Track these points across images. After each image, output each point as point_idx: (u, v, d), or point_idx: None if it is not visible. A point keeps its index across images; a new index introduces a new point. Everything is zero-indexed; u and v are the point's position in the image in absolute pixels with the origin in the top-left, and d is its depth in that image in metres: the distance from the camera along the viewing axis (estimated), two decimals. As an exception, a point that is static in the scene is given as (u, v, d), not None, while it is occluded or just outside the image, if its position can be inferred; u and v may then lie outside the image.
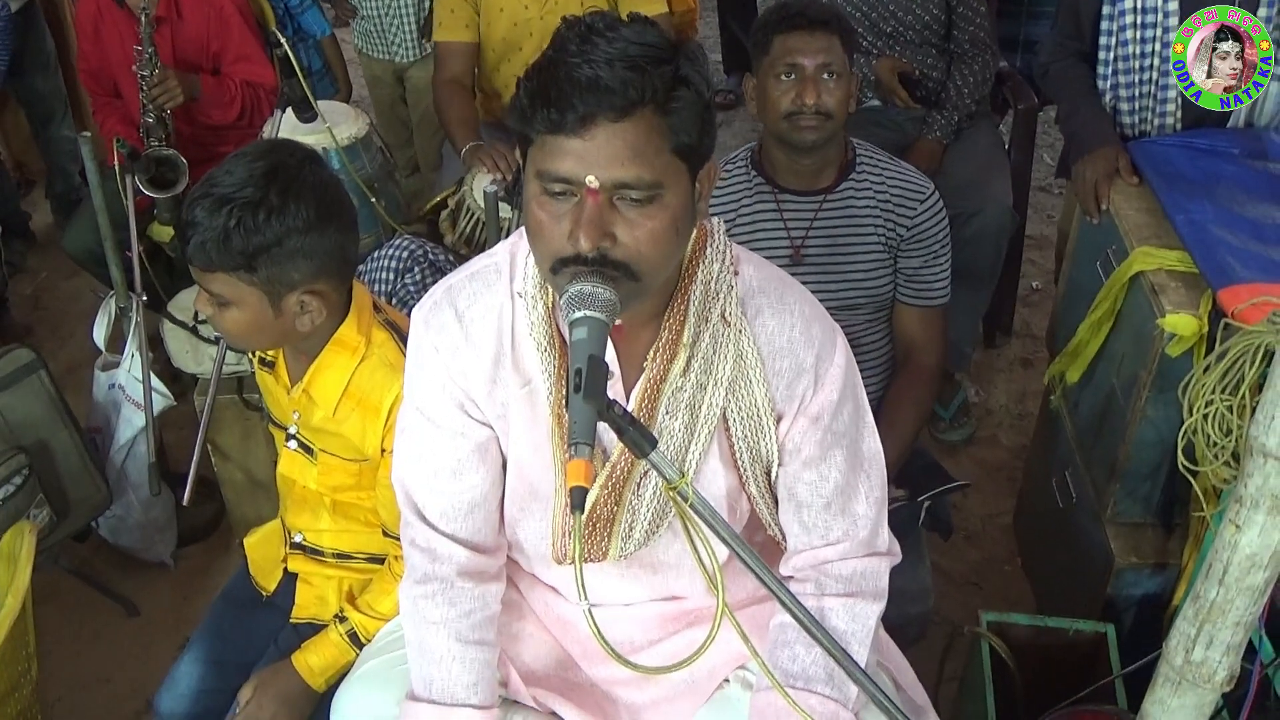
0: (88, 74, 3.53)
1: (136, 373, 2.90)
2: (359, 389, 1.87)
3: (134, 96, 3.28)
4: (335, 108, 3.28)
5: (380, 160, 3.20)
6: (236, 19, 3.38)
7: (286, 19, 3.68)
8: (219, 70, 3.41)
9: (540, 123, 1.31)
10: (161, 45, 3.27)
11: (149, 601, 3.03)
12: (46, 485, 2.74)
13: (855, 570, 1.61)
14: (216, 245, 1.72)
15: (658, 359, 1.49)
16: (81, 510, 2.86)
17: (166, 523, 3.09)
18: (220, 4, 3.36)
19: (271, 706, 1.85)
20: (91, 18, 3.41)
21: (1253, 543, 1.32)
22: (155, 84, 3.18)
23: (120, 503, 2.99)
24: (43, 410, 2.76)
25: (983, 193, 3.25)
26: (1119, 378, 2.46)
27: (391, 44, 3.87)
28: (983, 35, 3.43)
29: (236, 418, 2.88)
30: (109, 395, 3.01)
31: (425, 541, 1.63)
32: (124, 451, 2.98)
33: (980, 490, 3.30)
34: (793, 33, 2.40)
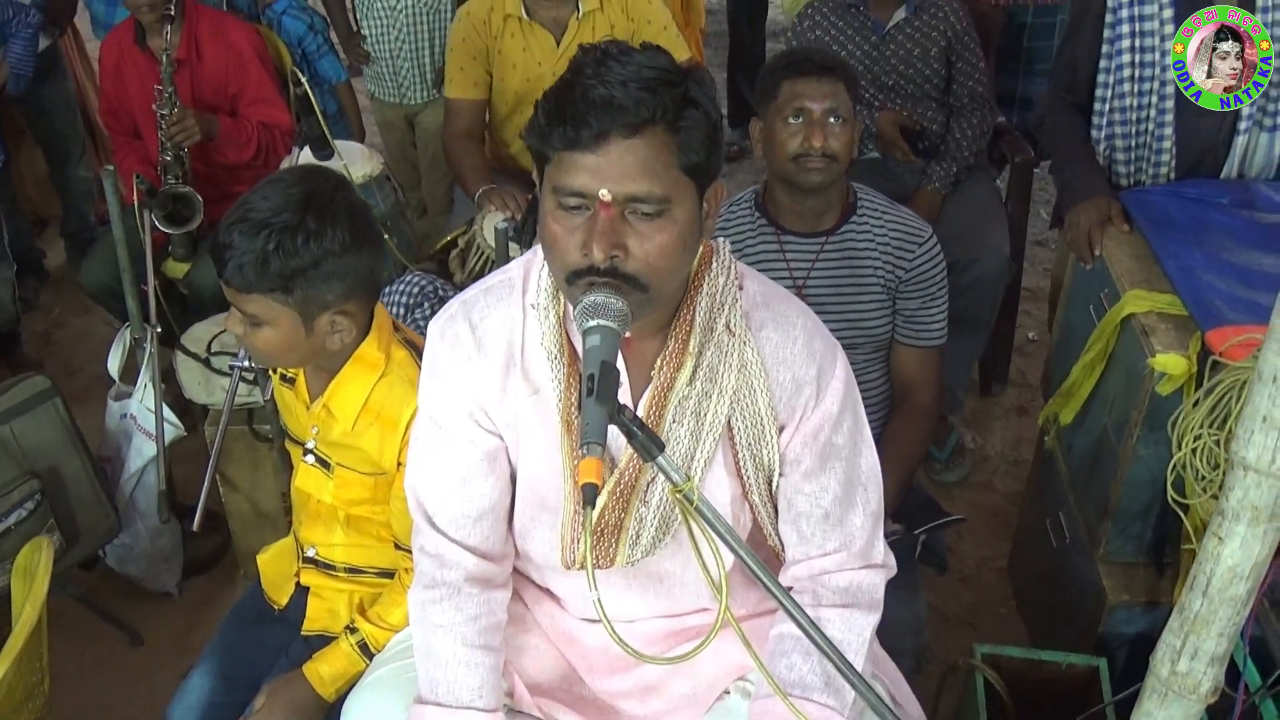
0: (108, 113, 3.63)
1: (149, 403, 2.96)
2: (378, 404, 1.93)
3: (153, 136, 3.38)
4: (351, 147, 3.38)
5: (393, 199, 3.29)
6: (255, 63, 3.48)
7: (303, 64, 3.79)
8: (236, 111, 3.50)
9: (557, 140, 1.40)
10: (181, 86, 3.37)
11: (153, 631, 3.07)
12: (57, 511, 2.79)
13: (852, 582, 1.67)
14: (255, 267, 1.79)
15: (665, 368, 1.56)
16: (90, 537, 2.91)
17: (173, 553, 3.14)
18: (239, 48, 3.46)
19: (282, 714, 1.89)
20: (113, 59, 3.51)
21: (1234, 554, 1.38)
22: (174, 123, 3.27)
23: (128, 531, 3.04)
24: (56, 437, 2.82)
25: (980, 242, 3.33)
26: (1111, 418, 2.53)
27: (402, 86, 3.97)
28: (981, 90, 3.53)
29: (246, 449, 2.94)
30: (120, 425, 3.07)
31: (435, 548, 1.69)
32: (134, 480, 3.03)
33: (975, 534, 3.35)
34: (801, 78, 2.48)
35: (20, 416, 2.77)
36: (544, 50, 3.29)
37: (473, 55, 3.31)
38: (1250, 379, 1.30)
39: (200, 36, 3.43)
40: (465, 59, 3.33)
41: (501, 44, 3.29)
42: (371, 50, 3.97)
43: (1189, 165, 2.75)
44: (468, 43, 3.31)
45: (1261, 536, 1.36)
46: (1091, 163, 2.79)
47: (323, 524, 2.07)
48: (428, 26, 3.82)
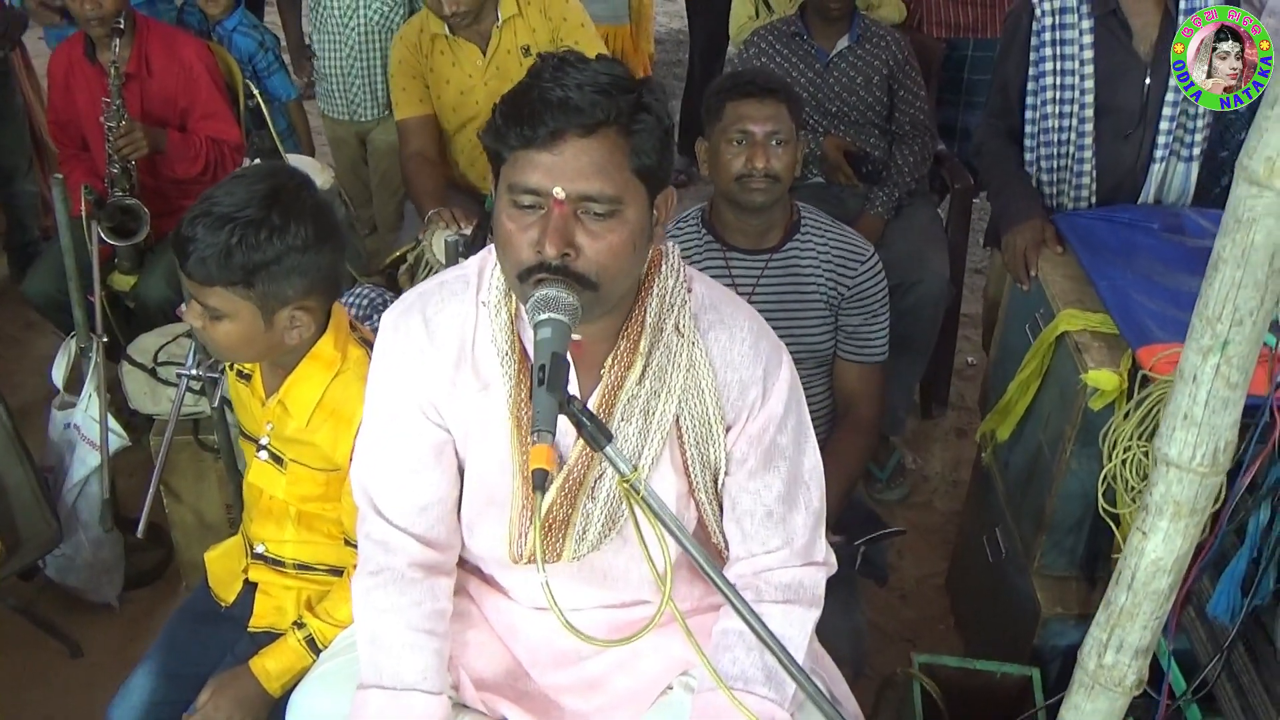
0: (56, 125, 3.62)
1: (93, 412, 2.95)
2: (333, 400, 1.96)
3: (101, 149, 3.38)
4: (302, 160, 3.41)
5: (343, 213, 3.31)
6: (205, 78, 3.50)
7: (254, 81, 3.80)
8: (186, 126, 3.51)
9: (513, 138, 1.44)
10: (130, 100, 3.38)
11: (94, 643, 3.04)
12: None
13: (794, 578, 1.71)
14: (218, 261, 1.81)
15: (615, 367, 1.60)
16: (31, 546, 2.89)
17: (114, 564, 3.12)
18: (189, 63, 3.48)
19: (227, 709, 1.90)
20: (63, 71, 3.51)
21: (1158, 548, 1.44)
22: (121, 135, 3.28)
23: (69, 542, 3.02)
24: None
25: (921, 265, 3.41)
26: (1046, 434, 2.60)
27: (353, 104, 4.00)
28: (922, 118, 3.62)
29: (191, 460, 2.94)
30: (64, 435, 3.06)
31: (380, 535, 1.71)
32: (76, 490, 3.02)
33: (915, 552, 3.41)
34: (744, 100, 2.54)
35: (-39, 424, 2.76)
36: (472, 62, 3.35)
37: (411, 75, 3.38)
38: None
39: (150, 51, 3.44)
40: (405, 79, 3.39)
41: (433, 62, 3.36)
42: (323, 67, 4.00)
43: (1108, 189, 2.85)
44: (404, 64, 3.38)
45: (1183, 531, 1.42)
46: (1026, 186, 2.88)
47: (273, 520, 2.08)
48: (379, 44, 3.85)
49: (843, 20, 3.59)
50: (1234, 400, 1.33)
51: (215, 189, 1.86)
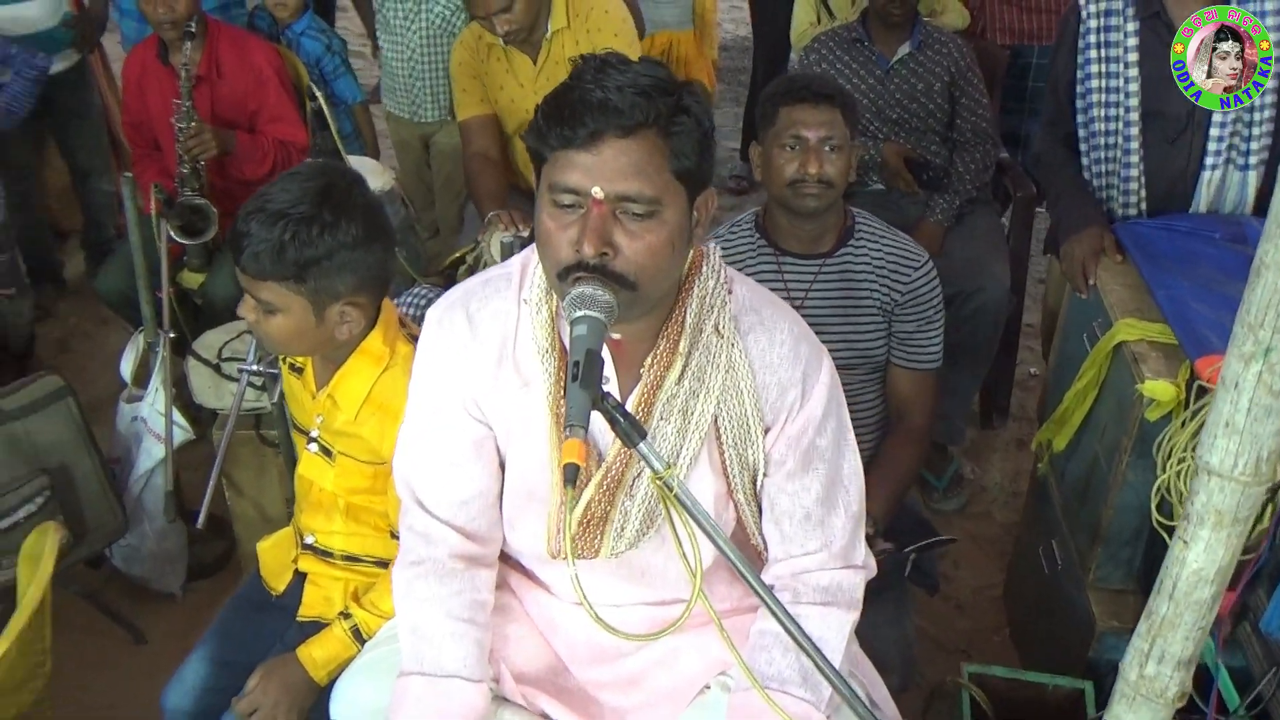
0: (130, 126, 3.72)
1: (159, 406, 3.02)
2: (381, 395, 1.99)
3: (172, 149, 3.46)
4: (363, 162, 3.46)
5: (403, 214, 3.36)
6: (274, 81, 3.57)
7: (320, 84, 3.87)
8: (254, 128, 3.58)
9: (554, 139, 1.46)
10: (201, 102, 3.46)
11: (156, 631, 3.11)
12: (66, 508, 2.85)
13: (832, 581, 1.71)
14: (271, 256, 1.86)
15: (654, 367, 1.62)
16: (98, 535, 2.96)
17: (178, 555, 3.19)
18: (259, 66, 3.55)
19: (274, 694, 1.94)
20: (136, 74, 3.61)
21: (1199, 558, 1.42)
22: (191, 136, 3.35)
23: (135, 532, 3.10)
24: (68, 436, 2.88)
25: (982, 273, 3.38)
26: (1102, 445, 2.57)
27: (415, 103, 4.04)
28: (985, 125, 3.60)
29: (252, 454, 3.00)
30: (131, 427, 3.13)
31: (421, 526, 1.74)
32: (142, 482, 3.09)
33: (972, 562, 3.39)
34: (798, 105, 2.54)
35: (33, 414, 2.83)
36: (525, 72, 3.39)
37: (472, 76, 3.42)
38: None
39: (221, 54, 3.52)
40: (466, 80, 3.43)
41: (488, 67, 3.40)
42: (387, 67, 4.05)
43: (1159, 197, 2.81)
44: (465, 66, 3.42)
45: (1225, 541, 1.40)
46: (1085, 194, 2.85)
47: (323, 512, 2.12)
48: (441, 47, 3.89)
49: (904, 26, 3.57)
50: (1277, 408, 1.31)
51: (270, 186, 1.91)
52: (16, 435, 2.80)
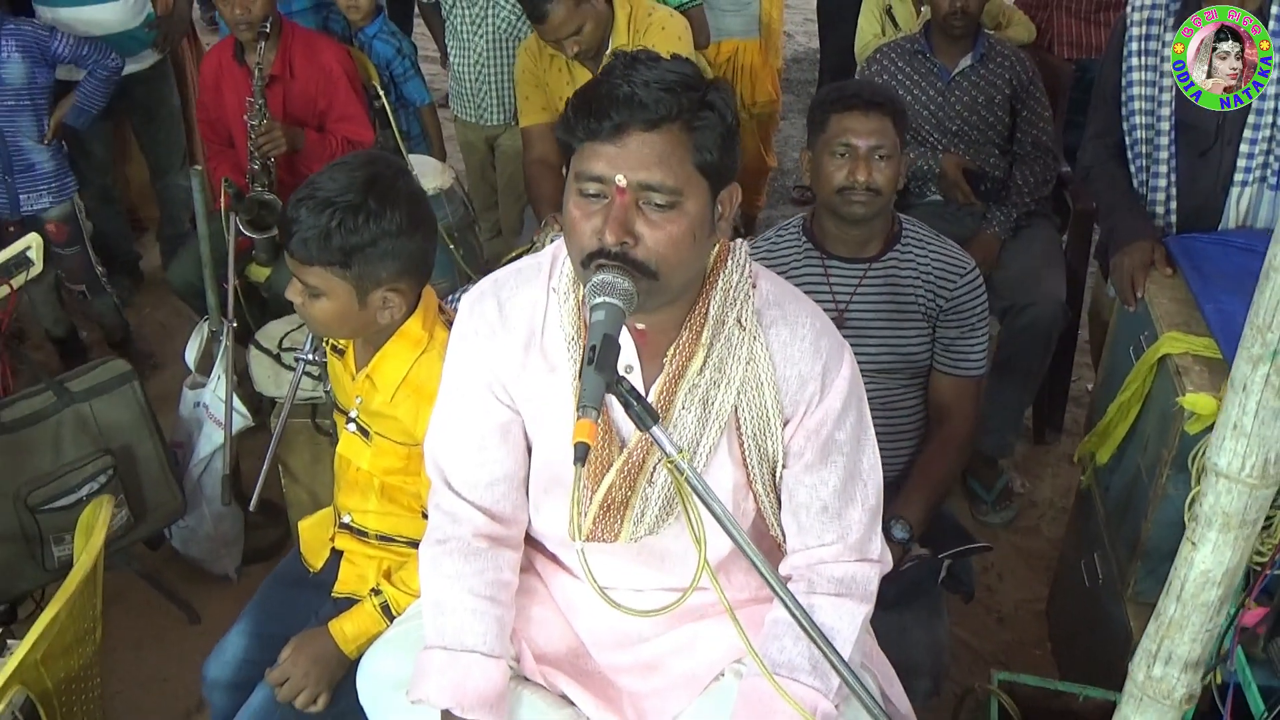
0: (205, 123, 3.84)
1: (221, 393, 3.12)
2: (417, 378, 2.06)
3: (244, 146, 3.57)
4: (424, 161, 3.54)
5: (462, 213, 3.43)
6: (343, 81, 3.67)
7: (390, 85, 3.96)
8: (323, 127, 3.68)
9: (581, 130, 1.52)
10: (273, 101, 3.57)
11: (210, 611, 3.20)
12: (127, 488, 2.96)
13: (846, 573, 1.74)
14: (318, 241, 1.93)
15: (677, 357, 1.66)
16: (157, 515, 3.07)
17: (234, 538, 3.29)
18: (329, 67, 3.65)
19: (305, 665, 2.00)
20: (214, 72, 3.72)
21: (1206, 559, 1.43)
22: (262, 133, 3.46)
23: (193, 514, 3.20)
24: (132, 418, 2.98)
25: (1037, 286, 3.37)
26: (1145, 459, 2.56)
27: (480, 107, 4.11)
28: (1045, 139, 3.59)
29: (308, 441, 3.08)
30: (193, 413, 3.24)
31: (448, 506, 1.80)
32: (202, 466, 3.19)
33: (1017, 576, 3.38)
34: (848, 113, 2.56)
35: (100, 396, 2.94)
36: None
37: (535, 84, 3.49)
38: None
39: (294, 55, 3.62)
40: (529, 89, 3.50)
41: (550, 77, 3.46)
42: (455, 71, 4.14)
43: (1189, 211, 2.80)
44: (528, 73, 3.50)
45: (1232, 542, 1.41)
46: (1136, 206, 2.84)
47: (359, 492, 2.19)
48: (506, 52, 3.96)
49: (966, 39, 3.57)
50: (1284, 411, 1.32)
51: (319, 174, 1.98)
52: (83, 416, 2.91)
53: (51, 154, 3.81)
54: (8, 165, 3.74)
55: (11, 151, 3.73)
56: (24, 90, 3.69)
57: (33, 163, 3.77)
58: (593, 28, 3.23)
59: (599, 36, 3.29)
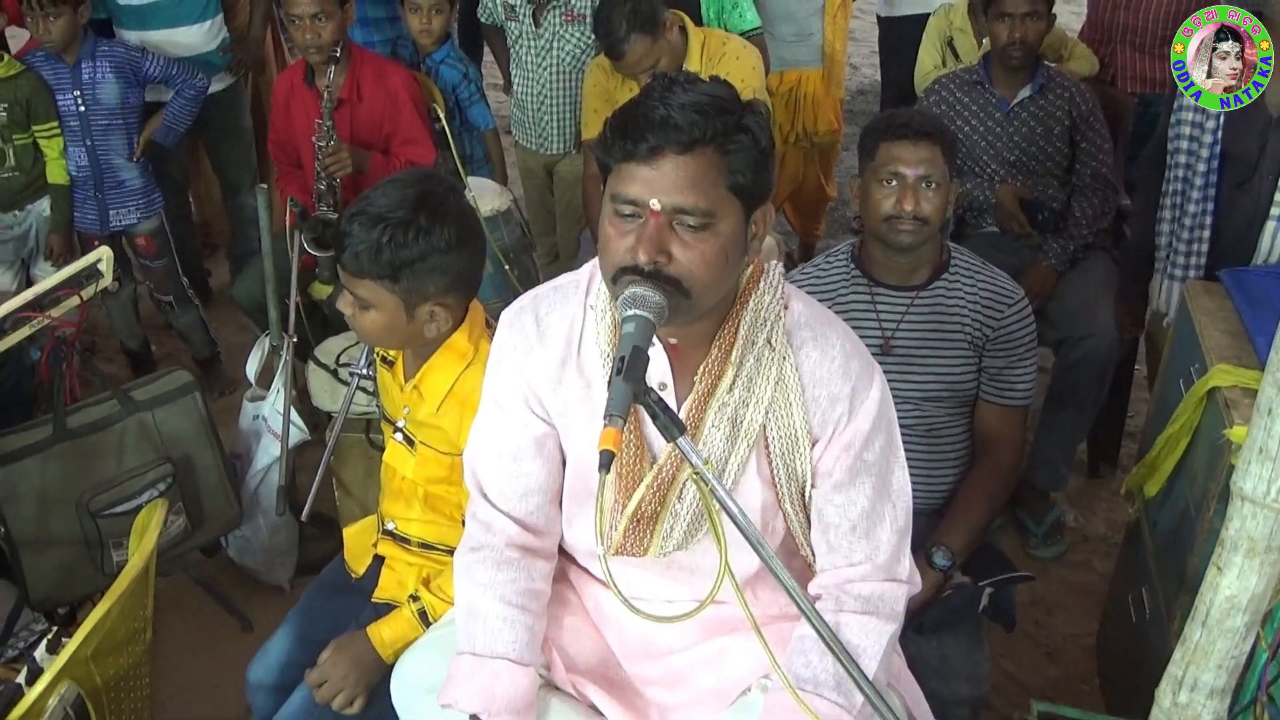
0: (275, 144, 3.94)
1: (279, 406, 3.18)
2: (463, 390, 2.10)
3: (312, 167, 3.66)
4: (483, 183, 3.61)
5: (519, 235, 3.48)
6: (409, 106, 3.75)
7: (456, 110, 4.04)
8: (388, 150, 3.76)
9: (617, 152, 1.55)
10: (340, 123, 3.66)
11: (263, 621, 3.25)
12: (186, 496, 3.04)
13: (874, 592, 1.75)
14: (369, 255, 1.99)
15: (707, 375, 1.69)
16: (214, 524, 3.15)
17: (289, 550, 3.36)
18: (396, 92, 3.73)
19: (344, 667, 2.05)
20: (284, 94, 3.83)
21: (1232, 585, 1.42)
22: (329, 154, 3.55)
23: (249, 525, 3.27)
24: (193, 428, 3.07)
25: (1092, 319, 3.35)
26: (1193, 492, 2.53)
27: (542, 135, 4.18)
28: (1105, 171, 3.57)
29: (361, 455, 3.13)
30: (252, 425, 3.31)
31: (484, 515, 1.84)
32: (259, 478, 3.26)
33: (1067, 610, 3.34)
34: (898, 142, 2.57)
35: (163, 406, 3.03)
36: None
37: (605, 99, 3.55)
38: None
39: (362, 79, 3.71)
40: (598, 102, 3.56)
41: (619, 95, 3.52)
42: (518, 99, 4.22)
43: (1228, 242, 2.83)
44: (599, 88, 3.55)
45: (1258, 568, 1.40)
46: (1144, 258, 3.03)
47: (403, 500, 2.24)
48: (570, 83, 4.03)
49: (1025, 70, 3.58)
50: (1309, 435, 1.32)
51: (373, 190, 2.04)
52: (146, 424, 2.99)
53: (140, 171, 3.97)
54: (99, 182, 3.90)
55: (103, 169, 3.89)
56: (117, 110, 3.85)
57: (122, 180, 3.93)
58: (668, 61, 3.31)
59: (673, 68, 3.35)
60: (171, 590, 3.24)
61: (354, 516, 3.22)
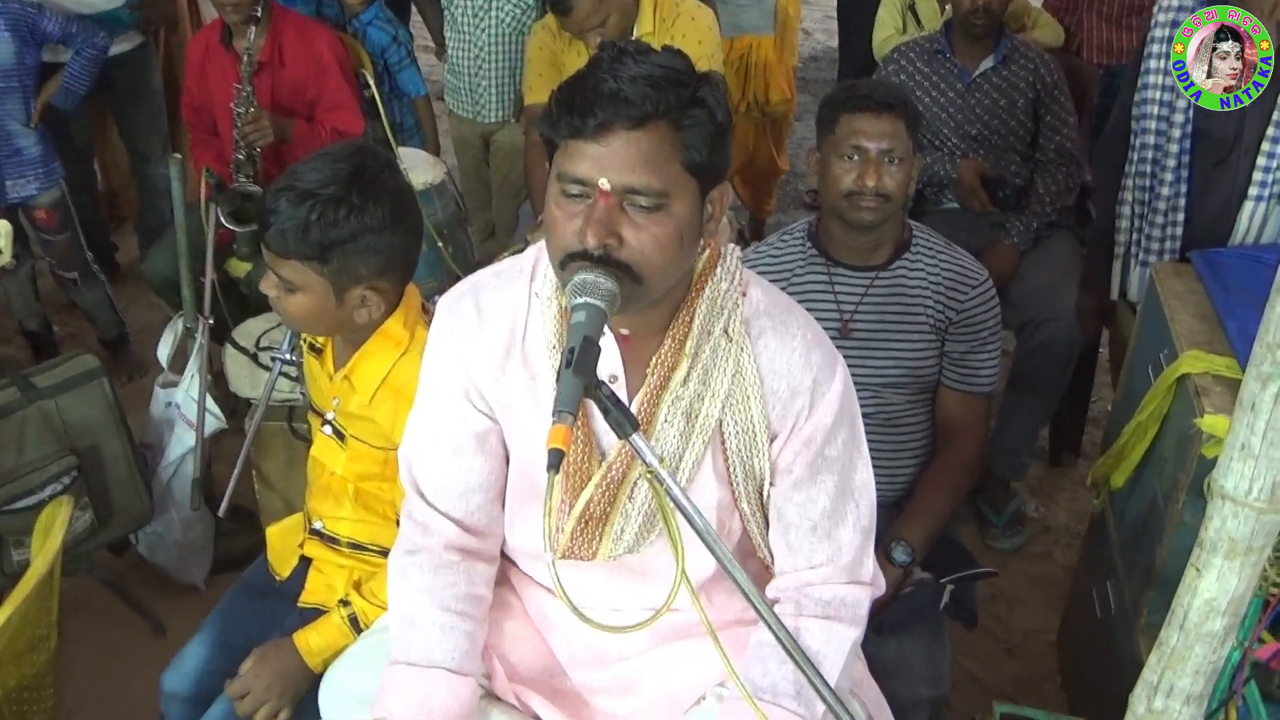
0: (190, 109, 3.86)
1: (194, 393, 3.12)
2: (397, 379, 2.06)
3: (230, 135, 3.58)
4: (414, 154, 3.56)
5: (453, 209, 3.44)
6: (335, 69, 3.68)
7: (385, 75, 3.98)
8: (313, 117, 3.70)
9: (564, 128, 1.52)
10: (261, 88, 3.58)
11: (177, 624, 3.18)
12: (92, 490, 2.97)
13: (835, 595, 1.73)
14: (295, 234, 1.94)
15: (660, 367, 1.66)
16: (123, 519, 3.08)
17: (204, 546, 3.30)
18: (321, 53, 3.67)
19: (267, 678, 2.01)
20: (199, 56, 3.74)
21: (1211, 587, 1.43)
22: (249, 121, 3.48)
23: (161, 520, 3.21)
24: (99, 417, 3.00)
25: (1055, 302, 3.37)
26: (1161, 483, 2.55)
27: (478, 103, 4.13)
28: (1069, 146, 3.59)
29: (283, 446, 3.08)
30: (165, 413, 3.25)
31: (420, 515, 1.80)
32: (172, 469, 3.20)
33: (1027, 605, 3.37)
34: (859, 114, 2.55)
35: (67, 393, 2.95)
36: None
37: (550, 63, 3.51)
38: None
39: (284, 41, 3.64)
40: (543, 66, 3.52)
41: (567, 58, 3.48)
42: (452, 64, 4.15)
43: (1203, 224, 2.84)
44: (545, 50, 3.51)
45: (1238, 570, 1.41)
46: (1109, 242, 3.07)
47: (332, 497, 2.20)
48: (508, 46, 3.98)
49: (988, 39, 3.58)
50: (1294, 432, 1.32)
51: (301, 164, 1.99)
52: (48, 413, 2.92)
53: (38, 138, 3.83)
54: (-6, 151, 3.77)
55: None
56: (11, 71, 3.71)
57: (19, 148, 3.79)
58: (617, 19, 3.26)
59: (623, 28, 3.32)
60: (77, 591, 3.16)
61: (275, 510, 3.18)
